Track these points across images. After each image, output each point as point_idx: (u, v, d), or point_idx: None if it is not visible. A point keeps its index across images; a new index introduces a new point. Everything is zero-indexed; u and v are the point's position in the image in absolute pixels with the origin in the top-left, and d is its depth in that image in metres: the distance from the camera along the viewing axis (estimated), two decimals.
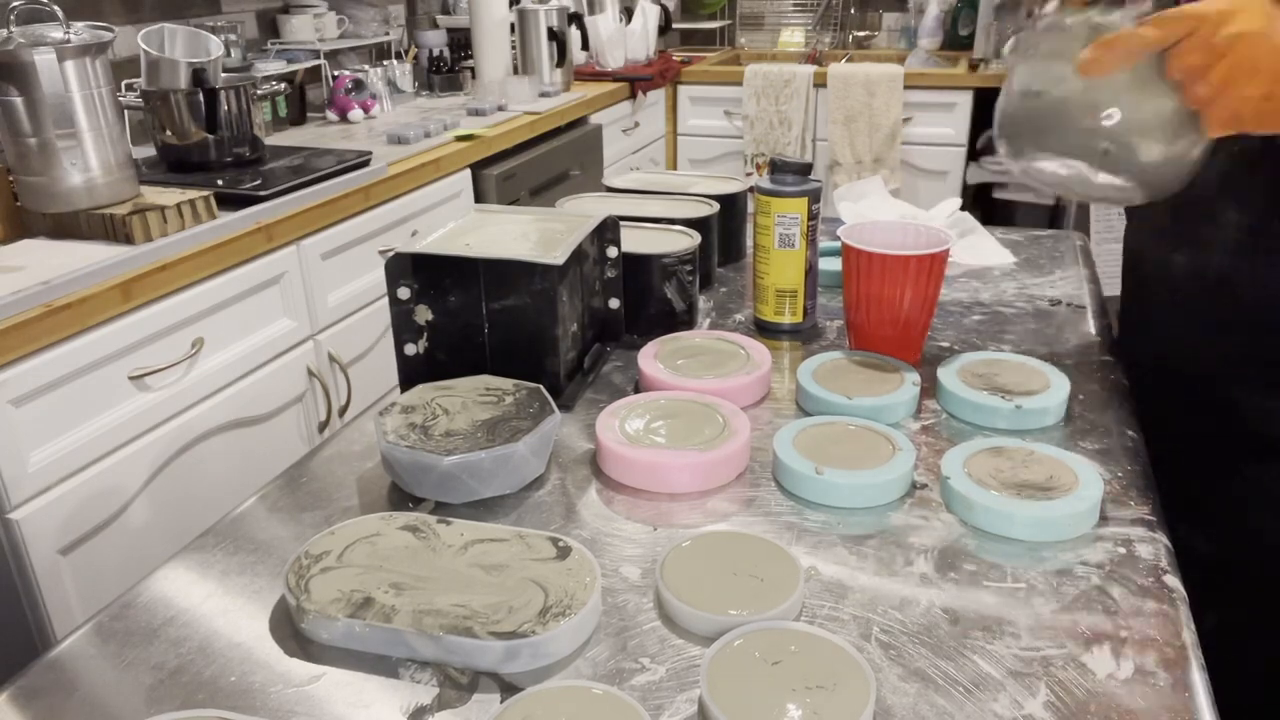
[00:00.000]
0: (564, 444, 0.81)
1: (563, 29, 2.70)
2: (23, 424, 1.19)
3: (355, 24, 2.53)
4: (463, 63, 2.72)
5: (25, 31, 1.34)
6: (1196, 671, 0.54)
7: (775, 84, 3.12)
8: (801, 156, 1.27)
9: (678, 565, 0.62)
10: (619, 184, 1.25)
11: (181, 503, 1.43)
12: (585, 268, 0.92)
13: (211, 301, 1.45)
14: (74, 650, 0.59)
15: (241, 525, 0.72)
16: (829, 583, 0.63)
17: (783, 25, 3.78)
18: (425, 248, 0.84)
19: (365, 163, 1.81)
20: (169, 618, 0.61)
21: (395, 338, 0.86)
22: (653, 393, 0.84)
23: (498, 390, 0.80)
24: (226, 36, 2.08)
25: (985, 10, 3.13)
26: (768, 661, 0.53)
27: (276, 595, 0.63)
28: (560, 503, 0.73)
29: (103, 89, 1.40)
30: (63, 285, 1.23)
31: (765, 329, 1.02)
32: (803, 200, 0.94)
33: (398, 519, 0.66)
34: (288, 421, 1.64)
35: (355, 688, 0.55)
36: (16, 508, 1.19)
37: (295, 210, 1.60)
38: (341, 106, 2.29)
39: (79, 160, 1.39)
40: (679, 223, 1.07)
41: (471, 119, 2.28)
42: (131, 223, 1.36)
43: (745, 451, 0.76)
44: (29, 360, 1.19)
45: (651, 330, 0.98)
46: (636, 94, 2.97)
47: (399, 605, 0.57)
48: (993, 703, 0.52)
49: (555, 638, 0.56)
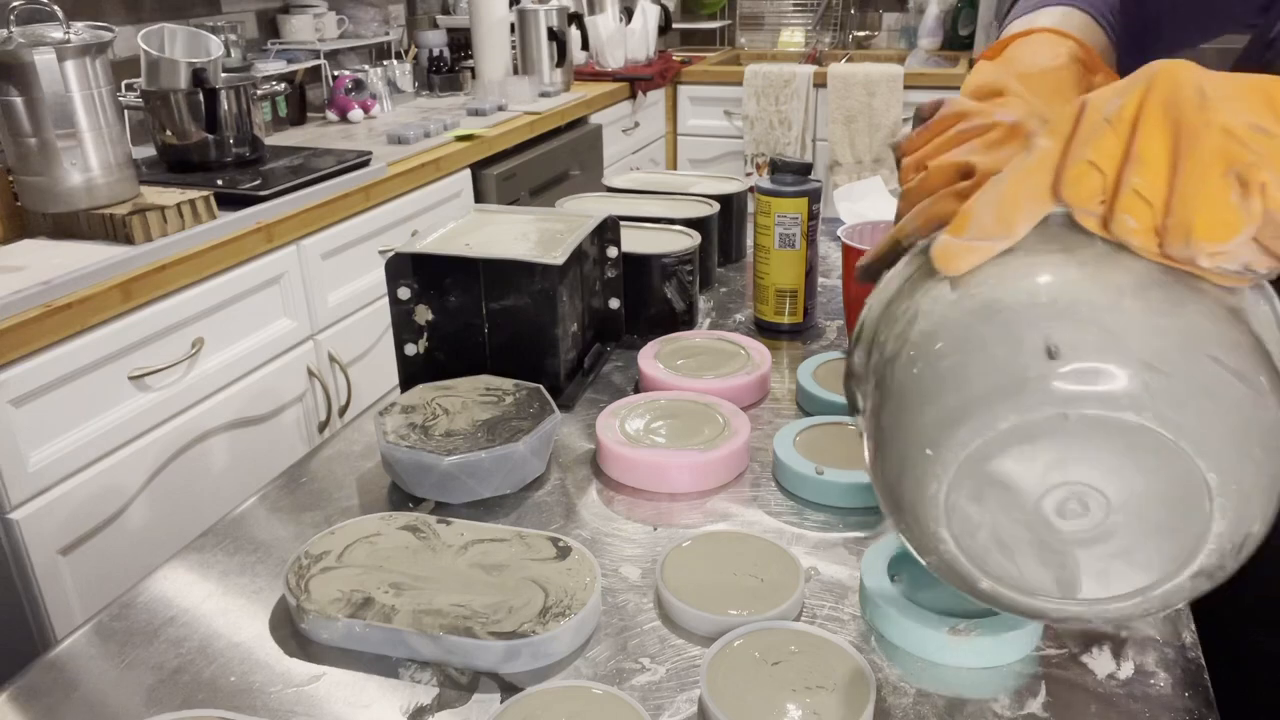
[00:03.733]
0: (564, 444, 0.81)
1: (563, 29, 2.69)
2: (23, 424, 1.19)
3: (355, 24, 2.53)
4: (463, 63, 2.72)
5: (25, 31, 1.34)
6: (1196, 671, 0.54)
7: (775, 84, 3.12)
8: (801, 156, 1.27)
9: (678, 565, 0.62)
10: (619, 184, 1.25)
11: (181, 503, 1.43)
12: (585, 268, 0.92)
13: (211, 301, 1.45)
14: (74, 650, 0.59)
15: (241, 525, 0.72)
16: (829, 583, 0.63)
17: (783, 25, 3.78)
18: (425, 248, 0.84)
19: (365, 163, 1.81)
20: (169, 618, 0.61)
21: (395, 338, 0.86)
22: (653, 393, 0.84)
23: (498, 390, 0.80)
24: (226, 36, 2.08)
25: (985, 10, 3.14)
26: (768, 661, 0.53)
27: (276, 595, 0.63)
28: (560, 503, 0.73)
29: (103, 89, 1.40)
30: (63, 285, 1.23)
31: (765, 329, 1.02)
32: (803, 200, 0.94)
33: (398, 519, 0.66)
34: (288, 421, 1.64)
35: (355, 688, 0.55)
36: (16, 508, 1.19)
37: (295, 210, 1.60)
38: (341, 106, 2.29)
39: (79, 160, 1.39)
40: (679, 223, 1.07)
41: (471, 119, 2.28)
42: (131, 223, 1.36)
43: (745, 451, 0.76)
44: (29, 360, 1.19)
45: (651, 330, 0.98)
46: (636, 94, 2.97)
47: (399, 605, 0.57)
48: (993, 703, 0.52)
49: (555, 638, 0.56)
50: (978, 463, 0.39)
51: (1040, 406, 0.37)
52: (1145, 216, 0.37)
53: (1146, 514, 0.38)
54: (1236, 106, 0.36)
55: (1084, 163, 0.38)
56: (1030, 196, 0.40)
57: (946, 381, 0.40)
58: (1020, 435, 0.38)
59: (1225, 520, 0.38)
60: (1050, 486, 0.39)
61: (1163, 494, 0.38)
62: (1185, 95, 0.37)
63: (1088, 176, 0.38)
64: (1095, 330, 0.37)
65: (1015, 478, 0.39)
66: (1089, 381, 0.37)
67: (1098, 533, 0.39)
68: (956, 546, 0.42)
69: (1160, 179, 0.37)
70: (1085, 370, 0.37)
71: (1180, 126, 0.37)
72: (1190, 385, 0.37)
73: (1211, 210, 0.36)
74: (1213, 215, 0.36)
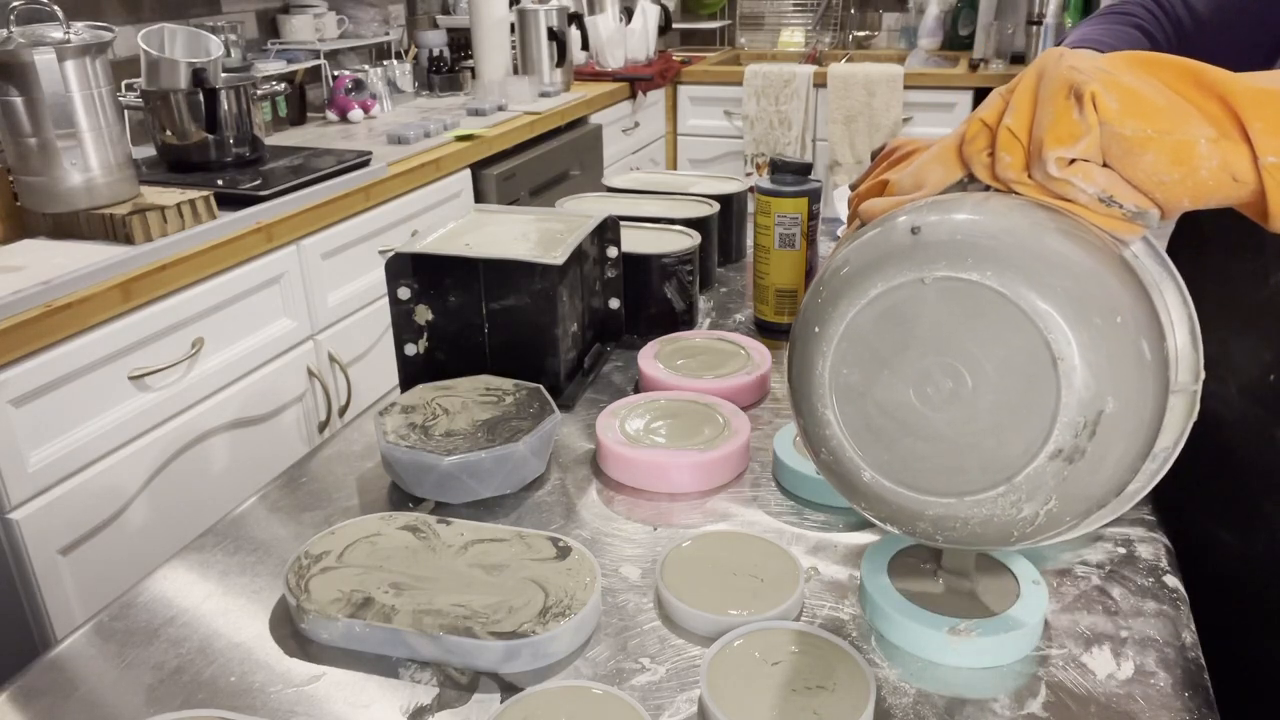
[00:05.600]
0: (564, 444, 0.81)
1: (563, 29, 2.69)
2: (23, 424, 1.19)
3: (355, 24, 2.53)
4: (463, 63, 2.72)
5: (25, 31, 1.34)
6: (1196, 671, 0.54)
7: (775, 84, 3.12)
8: (801, 156, 1.26)
9: (678, 565, 0.62)
10: (619, 184, 1.25)
11: (181, 503, 1.43)
12: (585, 268, 0.92)
13: (211, 301, 1.45)
14: (74, 650, 0.59)
15: (241, 525, 0.72)
16: (829, 583, 0.63)
17: (783, 25, 3.78)
18: (425, 248, 0.84)
19: (365, 163, 1.81)
20: (169, 618, 0.61)
21: (395, 338, 0.86)
22: (653, 393, 0.84)
23: (498, 390, 0.80)
24: (226, 36, 2.08)
25: (985, 10, 3.13)
26: (768, 661, 0.53)
27: (276, 595, 0.63)
28: (560, 503, 0.73)
29: (103, 89, 1.40)
30: (63, 285, 1.23)
31: (765, 329, 1.02)
32: (803, 200, 0.94)
33: (398, 519, 0.66)
34: (288, 421, 1.64)
35: (355, 688, 0.55)
36: (16, 508, 1.19)
37: (295, 210, 1.60)
38: (341, 106, 2.29)
39: (79, 160, 1.39)
40: (679, 223, 1.07)
41: (471, 119, 2.28)
42: (131, 223, 1.36)
43: (745, 451, 0.76)
44: (29, 360, 1.19)
45: (651, 330, 0.98)
46: (636, 94, 2.97)
47: (399, 605, 0.57)
48: (993, 703, 0.52)
49: (555, 638, 0.55)
50: (855, 335, 0.45)
51: (901, 273, 0.43)
52: (1018, 153, 0.43)
53: (1003, 388, 0.42)
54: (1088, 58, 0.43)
55: (977, 121, 0.45)
56: (941, 161, 0.47)
57: (834, 274, 0.46)
58: (888, 304, 0.44)
59: (1072, 391, 0.40)
60: (917, 360, 0.43)
61: (1014, 366, 0.41)
62: (1050, 56, 0.43)
63: (981, 134, 0.45)
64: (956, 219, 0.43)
65: (887, 351, 0.44)
66: (943, 253, 0.42)
67: (961, 412, 0.43)
68: (840, 429, 0.46)
69: (1026, 116, 0.43)
70: (942, 242, 0.42)
71: (1043, 75, 0.43)
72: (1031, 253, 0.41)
73: (1056, 124, 0.41)
74: (1057, 128, 0.41)
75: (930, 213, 0.44)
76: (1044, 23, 2.95)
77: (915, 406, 0.44)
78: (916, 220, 0.43)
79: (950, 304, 0.42)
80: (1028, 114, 0.43)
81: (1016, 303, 0.41)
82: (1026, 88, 0.44)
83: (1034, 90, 0.43)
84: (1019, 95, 0.44)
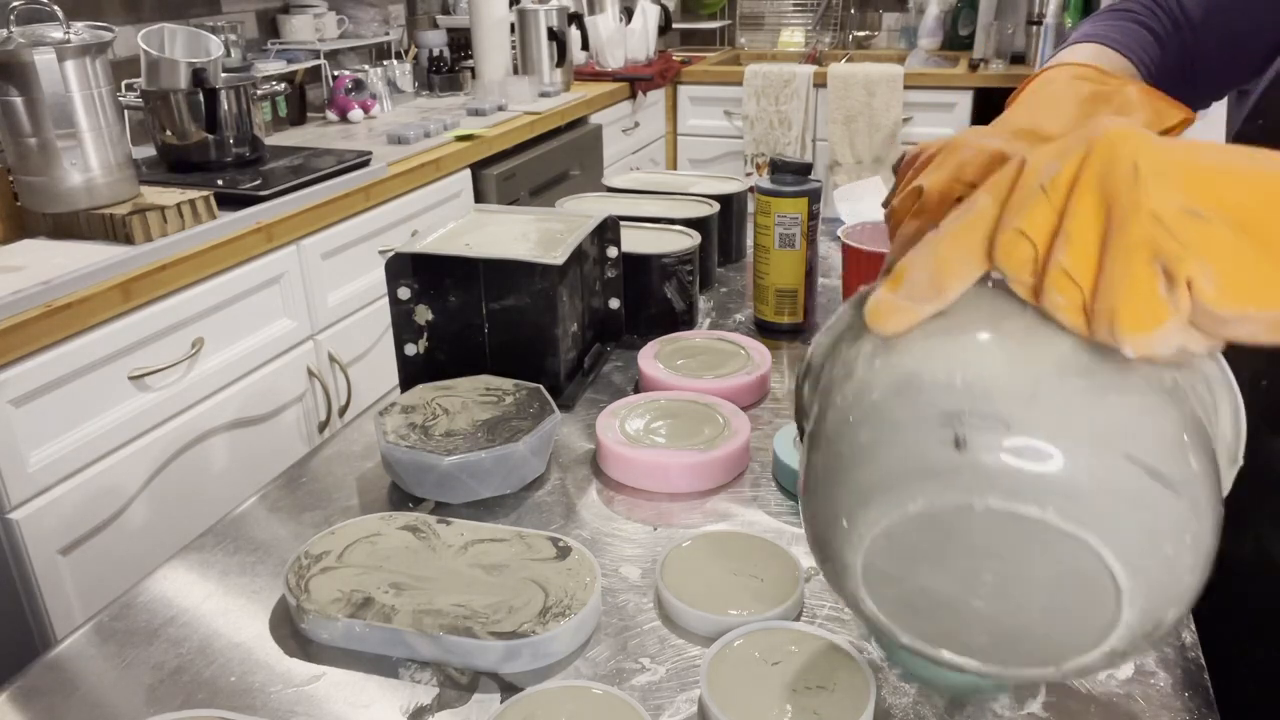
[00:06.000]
0: (564, 444, 0.81)
1: (563, 29, 2.69)
2: (23, 424, 1.19)
3: (355, 24, 2.53)
4: (463, 63, 2.72)
5: (25, 31, 1.34)
6: (1196, 672, 0.54)
7: (775, 84, 3.12)
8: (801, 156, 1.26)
9: (678, 565, 0.62)
10: (619, 184, 1.25)
11: (181, 503, 1.43)
12: (585, 268, 0.92)
13: (211, 301, 1.45)
14: (74, 650, 0.59)
15: (241, 525, 0.72)
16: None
17: (783, 25, 3.78)
18: (425, 248, 0.84)
19: (365, 163, 1.81)
20: (169, 618, 0.61)
21: (395, 338, 0.86)
22: (653, 393, 0.84)
23: (498, 390, 0.80)
24: (226, 36, 2.08)
25: (985, 10, 3.14)
26: (768, 661, 0.53)
27: (276, 595, 0.63)
28: (560, 503, 0.73)
29: (103, 89, 1.41)
30: (63, 285, 1.23)
31: (765, 329, 1.02)
32: (803, 200, 0.94)
33: (398, 519, 0.66)
34: (288, 421, 1.64)
35: (355, 688, 0.55)
36: (16, 508, 1.19)
37: (295, 210, 1.60)
38: (341, 106, 2.29)
39: (79, 160, 1.39)
40: (679, 223, 1.07)
41: (471, 119, 2.28)
42: (131, 223, 1.36)
43: (745, 451, 0.76)
44: (29, 360, 1.19)
45: (651, 330, 0.98)
46: (636, 94, 2.97)
47: (399, 605, 0.57)
48: (993, 702, 0.52)
49: (555, 638, 0.56)
50: (889, 539, 0.40)
51: (947, 494, 0.38)
52: (1073, 295, 0.36)
53: (1057, 595, 0.38)
54: (1170, 186, 0.35)
55: (1015, 231, 0.37)
56: (963, 260, 0.39)
57: (862, 455, 0.40)
58: (929, 518, 0.38)
59: (1134, 610, 0.37)
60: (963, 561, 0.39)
61: (1072, 585, 0.38)
62: (1120, 171, 0.35)
63: (1019, 246, 0.37)
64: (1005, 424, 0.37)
65: (927, 555, 0.40)
66: (995, 475, 0.37)
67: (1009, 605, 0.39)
68: (877, 608, 0.42)
69: (1088, 260, 0.36)
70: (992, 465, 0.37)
71: (1111, 205, 0.35)
72: (1099, 484, 0.36)
73: (1136, 300, 0.34)
74: (1137, 305, 0.34)
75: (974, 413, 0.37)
76: (1044, 23, 2.95)
77: (959, 594, 0.40)
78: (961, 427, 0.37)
79: (1005, 527, 0.37)
80: (1091, 257, 0.35)
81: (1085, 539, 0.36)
82: (1088, 215, 0.36)
83: (1099, 226, 0.35)
84: (1078, 226, 0.36)
